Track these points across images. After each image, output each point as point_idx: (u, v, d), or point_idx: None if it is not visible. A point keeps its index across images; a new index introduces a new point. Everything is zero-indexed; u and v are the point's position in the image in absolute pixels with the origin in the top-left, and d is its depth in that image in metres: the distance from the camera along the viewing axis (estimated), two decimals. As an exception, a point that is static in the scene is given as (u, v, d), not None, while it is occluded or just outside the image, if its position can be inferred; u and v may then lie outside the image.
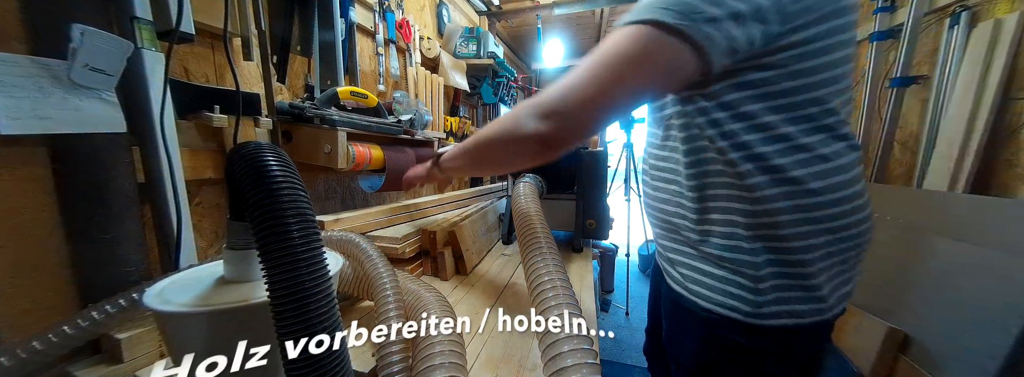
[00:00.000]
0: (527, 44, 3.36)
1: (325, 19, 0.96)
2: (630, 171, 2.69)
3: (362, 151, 0.95)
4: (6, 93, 0.45)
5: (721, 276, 0.51)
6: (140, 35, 0.55)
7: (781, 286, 0.47)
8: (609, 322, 2.38)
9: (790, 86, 0.43)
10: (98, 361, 0.52)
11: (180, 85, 0.67)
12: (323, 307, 0.31)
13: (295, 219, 0.31)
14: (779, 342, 0.49)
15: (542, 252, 0.53)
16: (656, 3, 0.39)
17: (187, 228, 0.62)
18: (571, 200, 1.09)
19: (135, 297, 0.44)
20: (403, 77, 1.45)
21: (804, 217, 0.45)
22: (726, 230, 0.50)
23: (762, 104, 0.44)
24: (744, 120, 0.45)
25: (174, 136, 0.60)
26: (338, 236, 0.62)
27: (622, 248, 2.76)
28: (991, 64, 1.26)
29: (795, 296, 0.47)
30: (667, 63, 0.40)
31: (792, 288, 0.47)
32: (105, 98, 0.53)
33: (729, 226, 0.49)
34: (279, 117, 0.84)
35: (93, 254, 0.55)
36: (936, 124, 1.45)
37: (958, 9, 1.39)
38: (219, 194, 0.77)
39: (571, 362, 0.35)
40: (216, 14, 0.67)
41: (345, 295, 0.66)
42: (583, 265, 0.97)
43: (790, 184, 0.45)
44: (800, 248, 0.46)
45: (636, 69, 0.40)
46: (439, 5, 1.78)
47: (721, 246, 0.50)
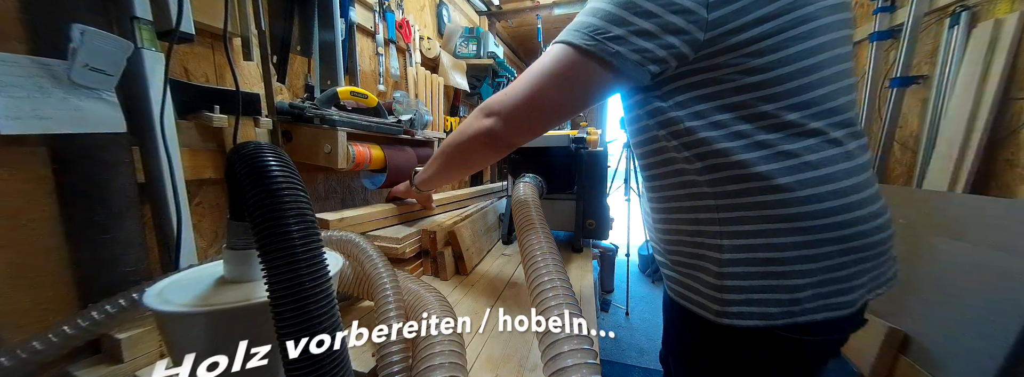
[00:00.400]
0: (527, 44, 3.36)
1: (325, 19, 0.96)
2: (630, 171, 2.69)
3: (362, 151, 0.95)
4: (6, 93, 0.45)
5: (689, 274, 0.52)
6: (140, 35, 0.55)
7: (749, 287, 0.46)
8: (609, 322, 2.38)
9: (743, 83, 0.43)
10: (98, 361, 0.52)
11: (180, 85, 0.67)
12: (323, 307, 0.30)
13: (295, 219, 0.31)
14: (755, 345, 0.48)
15: (542, 252, 0.53)
16: (572, 25, 0.46)
17: (187, 228, 0.62)
18: (571, 200, 1.09)
19: (135, 297, 0.44)
20: (403, 77, 1.44)
21: (771, 214, 0.44)
22: (692, 228, 0.50)
23: (713, 103, 0.45)
24: (699, 119, 0.46)
25: (174, 136, 0.60)
26: (338, 236, 0.62)
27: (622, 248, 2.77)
28: (991, 64, 1.26)
29: (765, 297, 0.46)
30: (583, 77, 0.46)
31: (762, 289, 0.46)
32: (105, 98, 0.53)
33: (693, 225, 0.50)
34: (279, 117, 0.84)
35: (93, 254, 0.55)
36: (936, 124, 1.45)
37: (958, 9, 1.39)
38: (219, 194, 0.77)
39: (571, 362, 0.34)
40: (216, 14, 0.67)
41: (345, 295, 0.66)
42: (583, 265, 0.97)
43: (752, 180, 0.44)
44: (766, 246, 0.45)
45: (557, 82, 0.47)
46: (439, 5, 1.78)
47: (689, 243, 0.51)
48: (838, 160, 0.44)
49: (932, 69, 1.50)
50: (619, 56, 0.42)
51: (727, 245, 0.47)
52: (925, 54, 1.58)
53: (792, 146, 0.43)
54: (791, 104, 0.43)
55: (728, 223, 0.47)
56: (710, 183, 0.47)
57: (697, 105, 0.46)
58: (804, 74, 0.42)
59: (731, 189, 0.46)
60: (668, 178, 0.52)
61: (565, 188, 1.09)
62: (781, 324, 0.46)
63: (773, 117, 0.43)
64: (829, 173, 0.44)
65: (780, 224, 0.44)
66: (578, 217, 1.08)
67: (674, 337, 0.61)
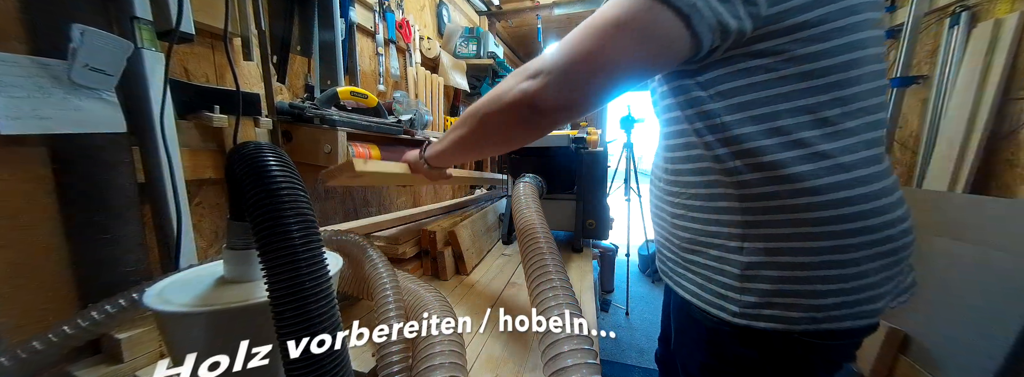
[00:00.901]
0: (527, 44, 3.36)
1: (325, 19, 0.96)
2: (630, 171, 2.69)
3: (362, 151, 0.95)
4: (6, 93, 0.45)
5: (705, 275, 0.50)
6: (140, 35, 0.55)
7: (771, 291, 0.45)
8: (609, 322, 2.38)
9: (787, 73, 0.41)
10: (98, 361, 0.52)
11: (180, 85, 0.67)
12: (323, 307, 0.30)
13: (295, 219, 0.31)
14: (774, 348, 0.47)
15: (542, 252, 0.53)
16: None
17: (187, 228, 0.62)
18: (571, 200, 1.09)
19: (135, 297, 0.44)
20: (403, 77, 1.44)
21: (801, 217, 0.43)
22: (713, 229, 0.49)
23: (754, 94, 0.43)
24: (737, 111, 0.44)
25: (174, 136, 0.60)
26: (338, 236, 0.62)
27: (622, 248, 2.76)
28: (991, 64, 1.26)
29: (788, 302, 0.45)
30: (654, 28, 0.40)
31: (785, 293, 0.45)
32: (105, 98, 0.53)
33: (715, 225, 0.48)
34: (279, 117, 0.84)
35: (93, 254, 0.55)
36: (936, 124, 1.45)
37: (958, 9, 1.39)
38: (219, 194, 0.77)
39: (571, 362, 0.34)
40: (216, 14, 0.67)
41: (345, 295, 0.66)
42: (583, 265, 0.97)
43: (784, 182, 0.43)
44: (792, 249, 0.44)
45: (625, 32, 0.40)
46: (439, 5, 1.78)
47: (708, 244, 0.49)
48: (870, 163, 0.43)
49: (932, 69, 1.50)
50: (696, 10, 0.38)
51: (751, 247, 0.45)
52: (925, 54, 1.58)
53: (828, 146, 0.42)
54: (830, 100, 0.41)
55: (753, 225, 0.45)
56: (738, 184, 0.45)
57: (738, 96, 0.43)
58: (845, 69, 0.41)
59: (760, 191, 0.44)
60: (693, 175, 0.50)
61: (565, 188, 1.09)
62: (802, 329, 0.44)
63: (811, 113, 0.42)
64: (861, 176, 0.42)
65: (809, 228, 0.43)
66: (578, 217, 1.08)
67: (685, 341, 0.59)
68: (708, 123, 0.46)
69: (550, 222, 0.65)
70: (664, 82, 0.52)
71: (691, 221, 0.52)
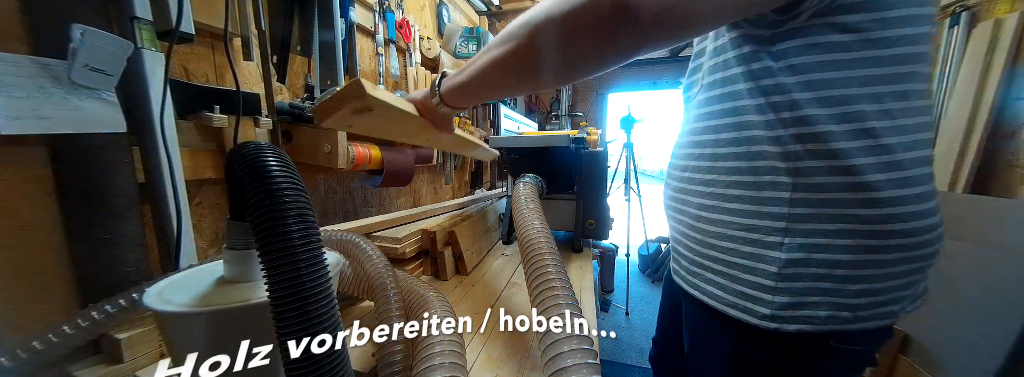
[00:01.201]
0: (527, 44, 3.36)
1: (325, 19, 0.96)
2: (630, 171, 2.69)
3: (362, 151, 0.95)
4: (6, 93, 0.45)
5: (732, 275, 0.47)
6: (140, 35, 0.55)
7: (806, 290, 0.43)
8: (609, 322, 2.38)
9: (864, 56, 0.38)
10: (98, 361, 0.52)
11: (180, 85, 0.67)
12: (323, 307, 0.30)
13: (295, 219, 0.31)
14: (801, 352, 0.45)
15: (542, 252, 0.53)
16: None
17: (187, 228, 0.62)
18: (571, 200, 1.09)
19: (135, 297, 0.44)
20: (403, 77, 1.44)
21: (850, 214, 0.40)
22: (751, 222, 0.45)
23: (830, 73, 0.39)
24: (810, 90, 0.39)
25: (174, 136, 0.60)
26: (338, 236, 0.62)
27: (622, 248, 2.77)
28: (991, 64, 1.26)
29: (817, 300, 0.43)
30: None
31: (816, 292, 0.42)
32: (105, 98, 0.53)
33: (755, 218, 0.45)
34: (279, 117, 0.84)
35: (93, 254, 0.55)
36: (936, 124, 1.45)
37: (958, 9, 1.39)
38: (219, 194, 0.77)
39: (571, 362, 0.35)
40: (216, 14, 0.67)
41: (345, 295, 0.66)
42: (583, 265, 0.97)
43: (840, 174, 0.40)
44: (834, 247, 0.41)
45: None
46: (439, 5, 1.78)
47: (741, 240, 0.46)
48: (922, 163, 0.41)
49: (932, 69, 1.50)
50: None
51: (791, 243, 0.43)
52: (925, 54, 1.58)
53: (893, 140, 0.39)
54: (898, 91, 0.39)
55: (799, 219, 0.42)
56: (794, 171, 0.41)
57: (812, 72, 0.39)
58: (912, 61, 0.38)
59: (815, 181, 0.41)
60: (740, 160, 0.45)
61: (565, 188, 1.09)
62: (830, 330, 0.43)
63: (878, 102, 0.38)
64: (914, 176, 0.40)
65: (856, 225, 0.41)
66: (578, 217, 1.08)
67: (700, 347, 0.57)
68: (775, 99, 0.41)
69: (550, 222, 0.65)
70: (727, 49, 0.46)
71: (725, 213, 0.48)
